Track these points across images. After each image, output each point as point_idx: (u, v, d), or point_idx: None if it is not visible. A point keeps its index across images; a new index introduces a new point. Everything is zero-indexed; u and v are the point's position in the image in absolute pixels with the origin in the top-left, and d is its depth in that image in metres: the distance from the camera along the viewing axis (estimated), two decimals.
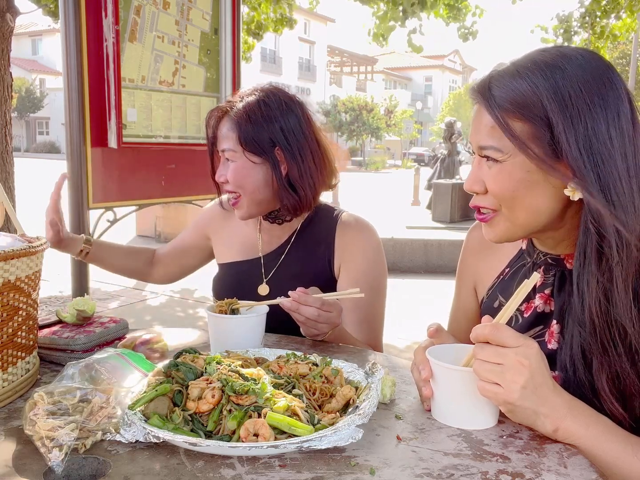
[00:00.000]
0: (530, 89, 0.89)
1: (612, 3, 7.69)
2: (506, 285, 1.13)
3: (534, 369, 0.82)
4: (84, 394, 0.88)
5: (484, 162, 0.96)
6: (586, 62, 0.90)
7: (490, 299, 1.16)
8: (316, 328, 1.23)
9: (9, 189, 4.45)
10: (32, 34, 44.21)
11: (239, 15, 3.38)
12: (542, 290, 1.04)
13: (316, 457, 0.81)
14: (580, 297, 0.91)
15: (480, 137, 0.95)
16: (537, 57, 0.92)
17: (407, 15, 5.85)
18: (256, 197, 1.45)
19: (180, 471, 0.77)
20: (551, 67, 0.89)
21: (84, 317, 1.21)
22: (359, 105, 37.68)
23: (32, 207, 4.84)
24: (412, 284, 6.04)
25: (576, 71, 0.89)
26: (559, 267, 1.02)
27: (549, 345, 1.01)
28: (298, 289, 1.21)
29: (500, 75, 0.93)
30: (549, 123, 0.88)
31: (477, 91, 0.95)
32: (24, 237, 1.09)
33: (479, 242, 1.23)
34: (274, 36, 7.25)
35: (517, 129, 0.90)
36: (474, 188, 0.98)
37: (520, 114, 0.89)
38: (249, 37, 7.58)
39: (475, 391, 0.87)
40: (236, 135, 1.43)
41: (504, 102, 0.90)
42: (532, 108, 0.88)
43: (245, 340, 1.17)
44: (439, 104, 58.93)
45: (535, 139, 0.89)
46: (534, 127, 0.89)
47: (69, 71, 2.62)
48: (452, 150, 11.09)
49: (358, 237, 1.51)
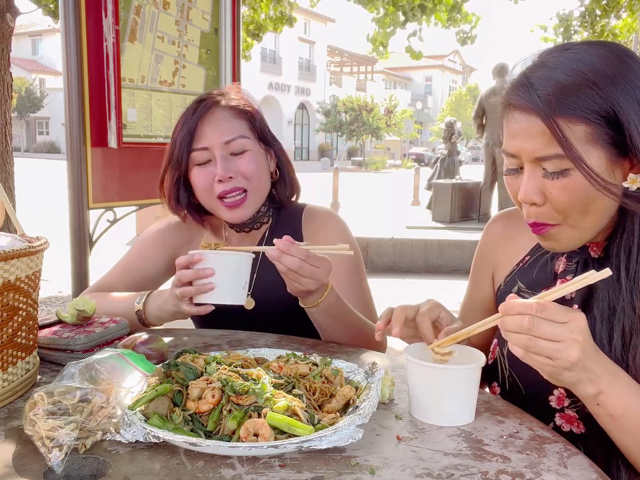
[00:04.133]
0: (575, 79, 0.86)
1: (612, 2, 7.70)
2: (526, 273, 1.13)
3: (586, 343, 0.83)
4: (84, 394, 0.88)
5: (540, 172, 0.90)
6: (600, 46, 0.91)
7: (507, 286, 1.15)
8: (299, 282, 1.15)
9: (9, 189, 4.45)
10: (32, 34, 44.22)
11: (239, 15, 3.38)
12: (563, 276, 1.04)
13: (316, 457, 0.81)
14: (629, 281, 0.92)
15: (535, 146, 0.89)
16: (561, 54, 0.91)
17: (408, 19, 5.86)
18: (264, 192, 1.43)
19: (180, 471, 0.77)
20: (580, 55, 0.89)
21: (84, 317, 1.21)
22: (359, 105, 37.69)
23: (32, 207, 4.87)
24: (412, 284, 6.04)
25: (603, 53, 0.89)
26: (583, 255, 1.02)
27: None
28: (284, 237, 1.14)
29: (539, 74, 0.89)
30: (607, 114, 0.85)
31: (518, 96, 0.90)
32: (24, 237, 1.09)
33: (500, 235, 1.22)
34: (274, 36, 7.25)
35: (577, 133, 0.86)
36: (534, 199, 0.91)
37: (575, 114, 0.85)
38: (248, 37, 7.59)
39: (456, 388, 0.89)
40: (246, 123, 1.40)
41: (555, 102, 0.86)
42: (585, 99, 0.85)
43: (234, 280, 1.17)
44: (439, 104, 58.95)
45: (599, 140, 0.87)
46: (593, 125, 0.86)
47: (69, 71, 2.62)
48: (452, 150, 11.08)
49: (325, 224, 1.49)
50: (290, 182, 1.50)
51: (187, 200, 1.45)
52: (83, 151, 2.69)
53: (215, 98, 1.41)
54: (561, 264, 1.06)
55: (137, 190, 2.90)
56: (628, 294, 0.92)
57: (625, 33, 8.65)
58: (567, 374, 0.84)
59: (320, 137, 44.74)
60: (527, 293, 1.11)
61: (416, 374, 0.93)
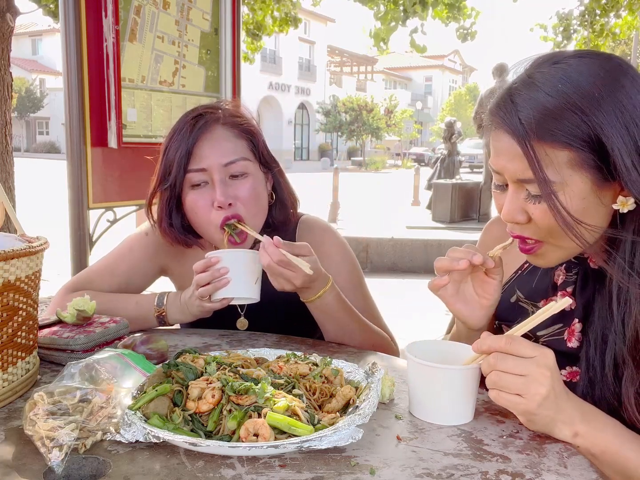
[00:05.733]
0: (559, 101, 0.83)
1: (612, 1, 7.71)
2: (525, 281, 1.11)
3: (554, 378, 0.83)
4: (84, 394, 0.88)
5: (523, 193, 0.89)
6: (592, 60, 0.87)
7: (506, 293, 1.13)
8: (274, 279, 1.19)
9: (9, 189, 4.45)
10: (32, 34, 44.21)
11: (239, 15, 3.38)
12: (564, 288, 1.02)
13: (316, 457, 0.81)
14: (621, 308, 0.89)
15: (516, 168, 0.87)
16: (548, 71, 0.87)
17: (408, 15, 5.86)
18: (261, 220, 1.36)
19: (180, 471, 0.77)
20: (569, 72, 0.85)
21: (84, 317, 1.21)
22: (359, 105, 37.67)
23: (32, 207, 4.86)
24: (412, 284, 6.04)
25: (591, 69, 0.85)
26: (582, 266, 1.00)
27: (569, 343, 1.00)
28: (275, 237, 1.17)
29: (523, 94, 0.86)
30: (591, 140, 0.82)
31: (500, 117, 0.88)
32: (24, 237, 1.09)
33: (499, 237, 1.16)
34: (274, 36, 7.26)
35: (559, 158, 0.83)
36: (517, 219, 0.91)
37: (557, 140, 0.83)
38: (252, 39, 7.58)
39: (456, 388, 0.90)
40: (247, 143, 1.33)
41: (535, 127, 0.83)
42: (568, 124, 0.82)
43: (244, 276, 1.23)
44: (439, 104, 58.96)
45: (583, 164, 0.84)
46: (576, 151, 0.83)
47: (69, 71, 2.62)
48: (452, 150, 11.08)
49: (325, 241, 1.43)
50: (286, 205, 1.43)
51: (180, 223, 1.36)
52: (83, 151, 2.69)
53: (214, 114, 1.32)
54: (560, 274, 1.04)
55: (137, 190, 2.90)
56: (619, 324, 0.90)
57: (626, 31, 8.65)
58: (542, 413, 0.83)
59: (320, 137, 44.72)
60: (525, 304, 1.10)
61: (417, 373, 0.93)
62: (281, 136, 39.14)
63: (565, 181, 0.84)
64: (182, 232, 1.37)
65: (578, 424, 0.84)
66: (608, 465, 0.84)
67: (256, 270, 1.25)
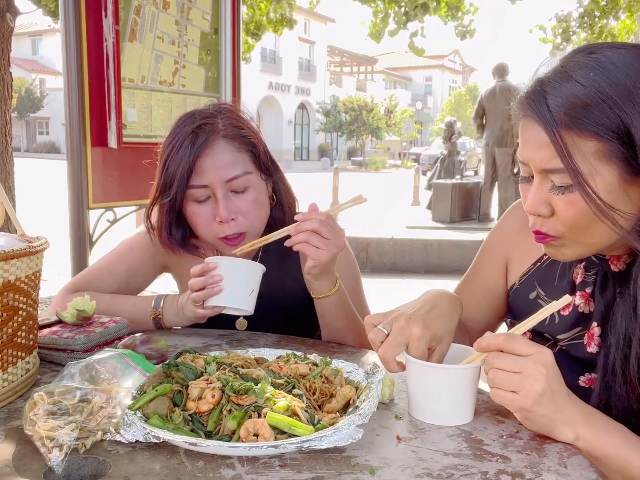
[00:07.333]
0: (589, 90, 0.81)
1: (611, 3, 7.71)
2: (544, 274, 1.08)
3: (551, 376, 0.82)
4: (84, 394, 0.88)
5: (548, 184, 0.87)
6: (628, 51, 0.84)
7: (524, 287, 1.10)
8: (322, 246, 1.15)
9: (9, 189, 4.45)
10: (32, 34, 44.20)
11: (239, 15, 3.38)
12: (582, 288, 1.00)
13: (316, 457, 0.81)
14: None
15: (542, 157, 0.85)
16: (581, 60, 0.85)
17: (409, 18, 5.88)
18: (262, 227, 1.36)
19: (180, 471, 0.77)
20: (602, 61, 0.82)
21: (84, 317, 1.21)
22: (359, 105, 37.68)
23: (32, 207, 4.87)
24: (412, 284, 6.04)
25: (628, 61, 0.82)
26: (602, 267, 0.97)
27: (589, 348, 0.98)
28: (310, 204, 1.18)
29: (554, 82, 0.84)
30: (620, 132, 0.80)
31: (529, 105, 0.86)
32: (24, 237, 1.09)
33: (520, 223, 1.12)
34: (274, 36, 7.24)
35: (586, 148, 0.81)
36: (540, 210, 0.88)
37: (585, 129, 0.81)
38: (248, 38, 7.59)
39: (456, 388, 0.89)
40: (249, 155, 1.32)
41: (563, 115, 0.81)
42: (597, 114, 0.80)
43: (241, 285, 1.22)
44: (439, 104, 58.95)
45: (611, 156, 0.81)
46: (605, 142, 0.81)
47: (69, 71, 2.62)
48: (452, 150, 11.08)
49: None
50: (286, 206, 1.43)
51: (180, 234, 1.37)
52: (83, 151, 2.69)
53: (214, 125, 1.29)
54: (579, 272, 1.01)
55: (137, 190, 2.90)
56: None
57: (624, 35, 8.65)
58: (538, 411, 0.82)
59: (320, 137, 44.70)
60: (545, 302, 1.06)
61: (416, 374, 0.93)
62: (281, 136, 39.13)
63: (593, 172, 0.82)
64: (180, 243, 1.38)
65: (580, 426, 0.83)
66: (613, 469, 0.83)
67: (253, 281, 1.23)
